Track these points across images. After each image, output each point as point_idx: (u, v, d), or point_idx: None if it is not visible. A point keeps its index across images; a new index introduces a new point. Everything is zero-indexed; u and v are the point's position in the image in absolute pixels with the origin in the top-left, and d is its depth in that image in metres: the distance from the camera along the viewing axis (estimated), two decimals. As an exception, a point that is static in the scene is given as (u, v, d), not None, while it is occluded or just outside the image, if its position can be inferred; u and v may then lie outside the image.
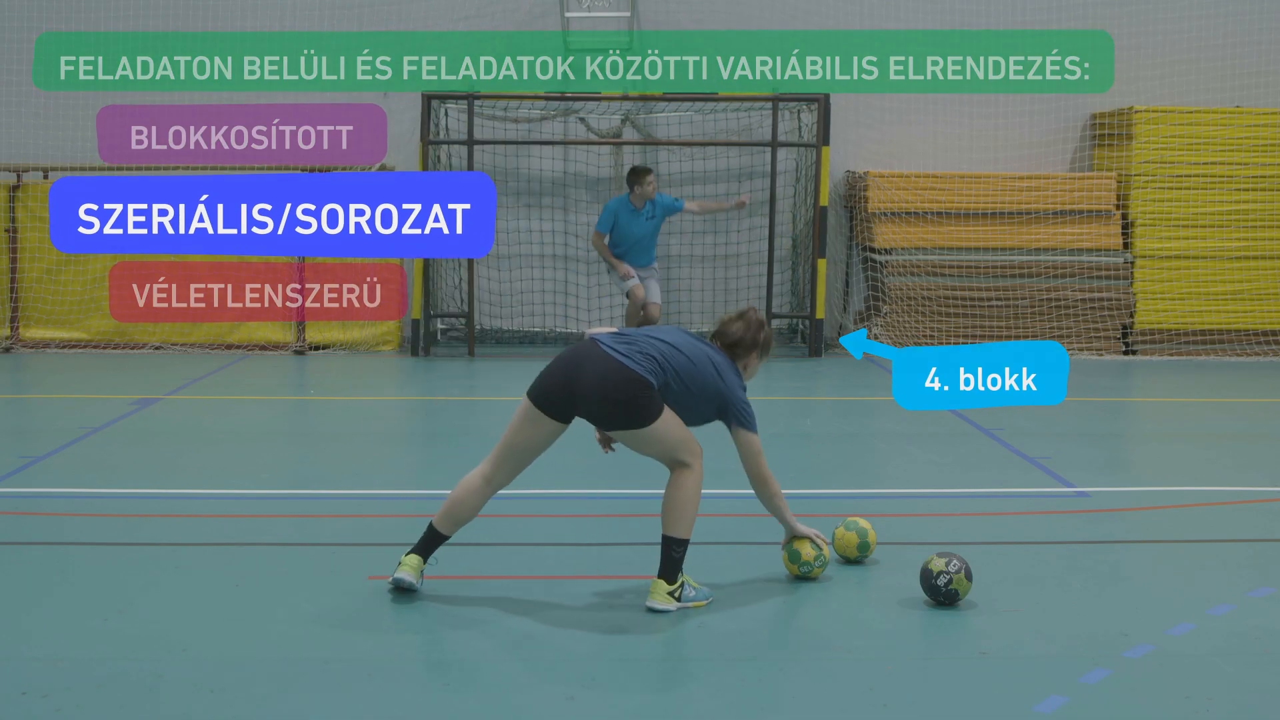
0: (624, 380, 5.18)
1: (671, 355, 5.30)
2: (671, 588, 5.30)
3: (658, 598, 5.28)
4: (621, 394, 5.17)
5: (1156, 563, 6.23)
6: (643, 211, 12.44)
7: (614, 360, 5.21)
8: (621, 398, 5.18)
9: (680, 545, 5.33)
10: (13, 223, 13.12)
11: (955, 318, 13.28)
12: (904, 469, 8.22)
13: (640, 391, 5.18)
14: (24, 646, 4.89)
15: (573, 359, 5.34)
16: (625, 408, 5.19)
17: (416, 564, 5.42)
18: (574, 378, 5.27)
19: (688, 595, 5.35)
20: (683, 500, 5.33)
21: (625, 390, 5.17)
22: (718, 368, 5.40)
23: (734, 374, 5.48)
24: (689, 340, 5.45)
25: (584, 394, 5.24)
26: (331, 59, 13.86)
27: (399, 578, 5.38)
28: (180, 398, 10.52)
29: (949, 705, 4.43)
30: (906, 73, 14.07)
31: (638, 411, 5.20)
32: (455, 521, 5.48)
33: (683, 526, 5.34)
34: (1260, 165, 13.32)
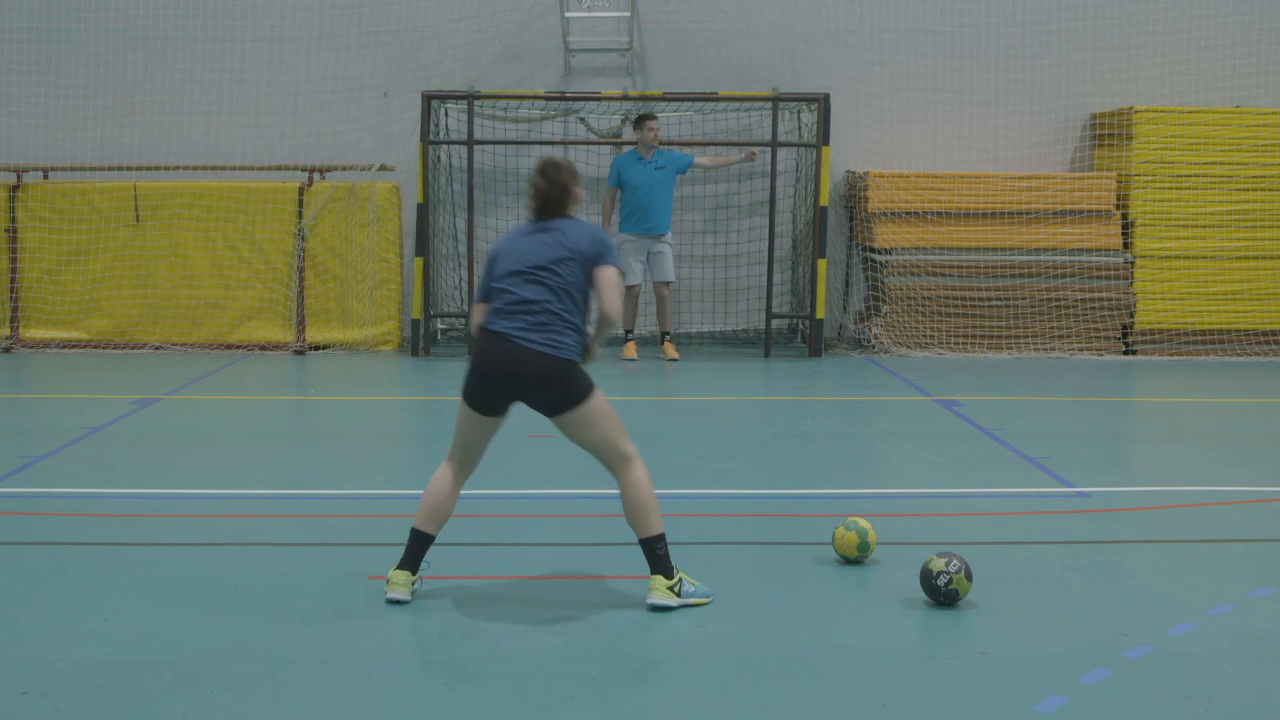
0: (554, 371, 5.29)
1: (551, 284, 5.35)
2: (670, 582, 5.35)
3: (658, 593, 5.32)
4: (555, 381, 5.30)
5: (1156, 563, 6.23)
6: (650, 161, 12.50)
7: (534, 352, 5.28)
8: (555, 385, 5.30)
9: (659, 541, 5.39)
10: (13, 223, 13.12)
11: (955, 318, 13.28)
12: (904, 469, 8.23)
13: (570, 372, 5.32)
14: (24, 646, 4.90)
15: (498, 360, 5.33)
16: (561, 389, 5.30)
17: (405, 580, 5.41)
18: (507, 376, 5.33)
19: (687, 591, 5.38)
20: (642, 500, 5.39)
21: (557, 377, 5.30)
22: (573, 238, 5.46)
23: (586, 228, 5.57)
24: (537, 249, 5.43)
25: (520, 390, 5.35)
26: (332, 59, 13.88)
27: (392, 597, 5.39)
28: (180, 398, 10.52)
29: (949, 705, 4.43)
30: (906, 73, 14.09)
31: (573, 388, 5.31)
32: (438, 520, 5.48)
33: (653, 524, 5.39)
34: (1260, 165, 13.31)
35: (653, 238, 12.60)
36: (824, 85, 13.58)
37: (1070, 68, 14.05)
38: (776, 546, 6.32)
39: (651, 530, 5.37)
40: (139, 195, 13.12)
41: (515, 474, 7.77)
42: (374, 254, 13.09)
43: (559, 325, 5.34)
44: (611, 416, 5.42)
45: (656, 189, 12.51)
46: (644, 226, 12.53)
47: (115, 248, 13.12)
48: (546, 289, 5.35)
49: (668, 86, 13.74)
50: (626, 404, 10.81)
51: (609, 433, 5.39)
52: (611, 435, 5.40)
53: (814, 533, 6.41)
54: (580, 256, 5.42)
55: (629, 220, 12.58)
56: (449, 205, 13.89)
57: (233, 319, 13.19)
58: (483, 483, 7.63)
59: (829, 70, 13.92)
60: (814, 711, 4.36)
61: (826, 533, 6.15)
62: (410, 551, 5.44)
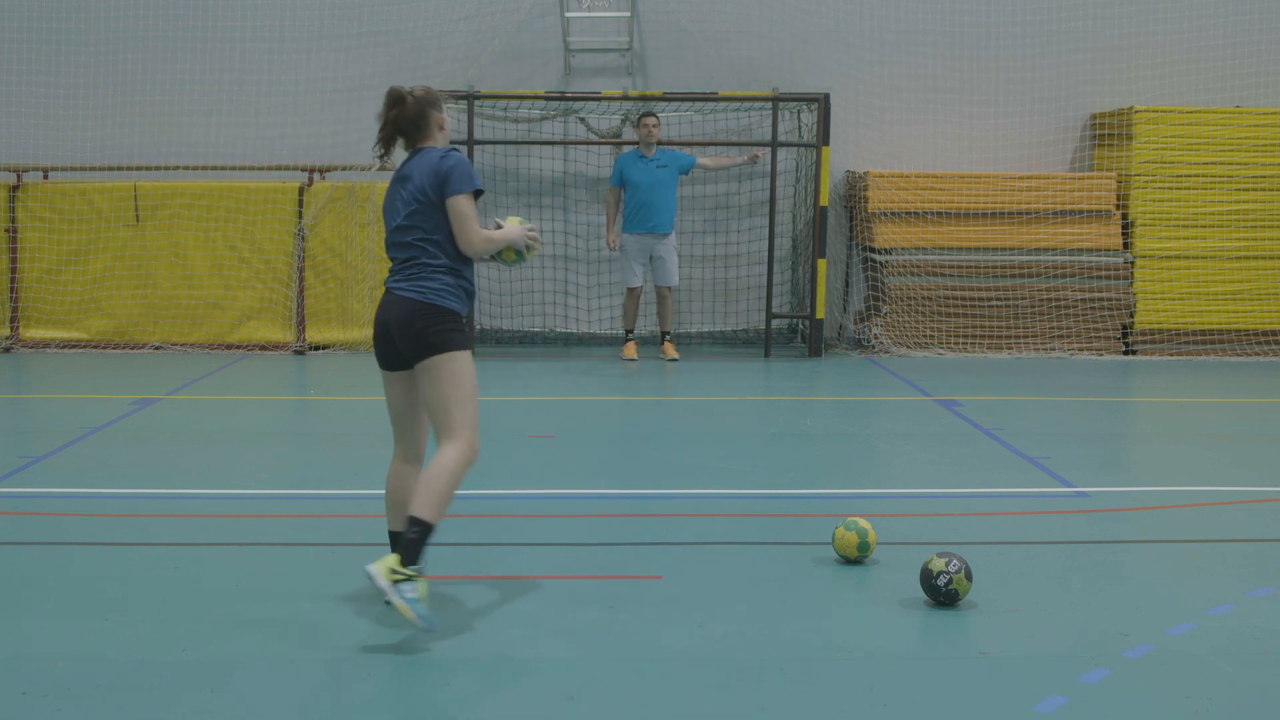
0: (414, 315, 5.09)
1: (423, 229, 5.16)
2: (398, 569, 4.84)
3: (381, 565, 4.85)
4: (412, 324, 5.09)
5: (1156, 563, 6.23)
6: (651, 160, 12.52)
7: (402, 298, 5.13)
8: (412, 327, 5.08)
9: (418, 526, 4.92)
10: (13, 223, 13.12)
11: (955, 318, 13.28)
12: (904, 469, 8.22)
13: (430, 314, 5.09)
14: (24, 646, 4.90)
15: (380, 312, 5.23)
16: (416, 333, 5.08)
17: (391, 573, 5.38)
18: (383, 325, 5.20)
19: (403, 590, 4.83)
20: (435, 477, 4.98)
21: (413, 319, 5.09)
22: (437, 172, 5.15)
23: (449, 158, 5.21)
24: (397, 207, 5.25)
25: (393, 337, 5.16)
26: (332, 59, 13.88)
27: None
28: (180, 398, 10.52)
29: (949, 705, 4.43)
30: (906, 73, 14.09)
31: (430, 334, 5.07)
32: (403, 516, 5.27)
33: (421, 505, 4.94)
34: (1260, 165, 13.31)
35: (655, 237, 12.60)
36: (824, 85, 13.58)
37: (1070, 68, 14.05)
38: (776, 546, 6.32)
39: (417, 510, 4.93)
40: (139, 195, 13.12)
41: (515, 474, 7.77)
42: (374, 254, 13.09)
43: (427, 271, 5.14)
44: (464, 385, 5.09)
45: (658, 188, 12.52)
46: (646, 225, 12.53)
47: (115, 248, 13.12)
48: (410, 246, 5.18)
49: (668, 86, 13.74)
50: (626, 404, 10.81)
51: (453, 397, 5.07)
52: (453, 402, 5.06)
53: (814, 533, 6.41)
54: (427, 198, 5.15)
55: (631, 220, 12.59)
56: (449, 205, 13.86)
57: (233, 319, 13.19)
58: (483, 483, 7.64)
59: (829, 70, 13.92)
60: (814, 711, 4.36)
61: (826, 533, 6.15)
62: None
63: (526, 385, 11.42)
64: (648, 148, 12.56)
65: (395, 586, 4.81)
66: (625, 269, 12.77)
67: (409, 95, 5.29)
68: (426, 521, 4.93)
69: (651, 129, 12.53)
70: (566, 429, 9.44)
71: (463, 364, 5.11)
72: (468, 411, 5.11)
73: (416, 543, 4.89)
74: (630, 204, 12.59)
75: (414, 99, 5.28)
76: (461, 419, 5.08)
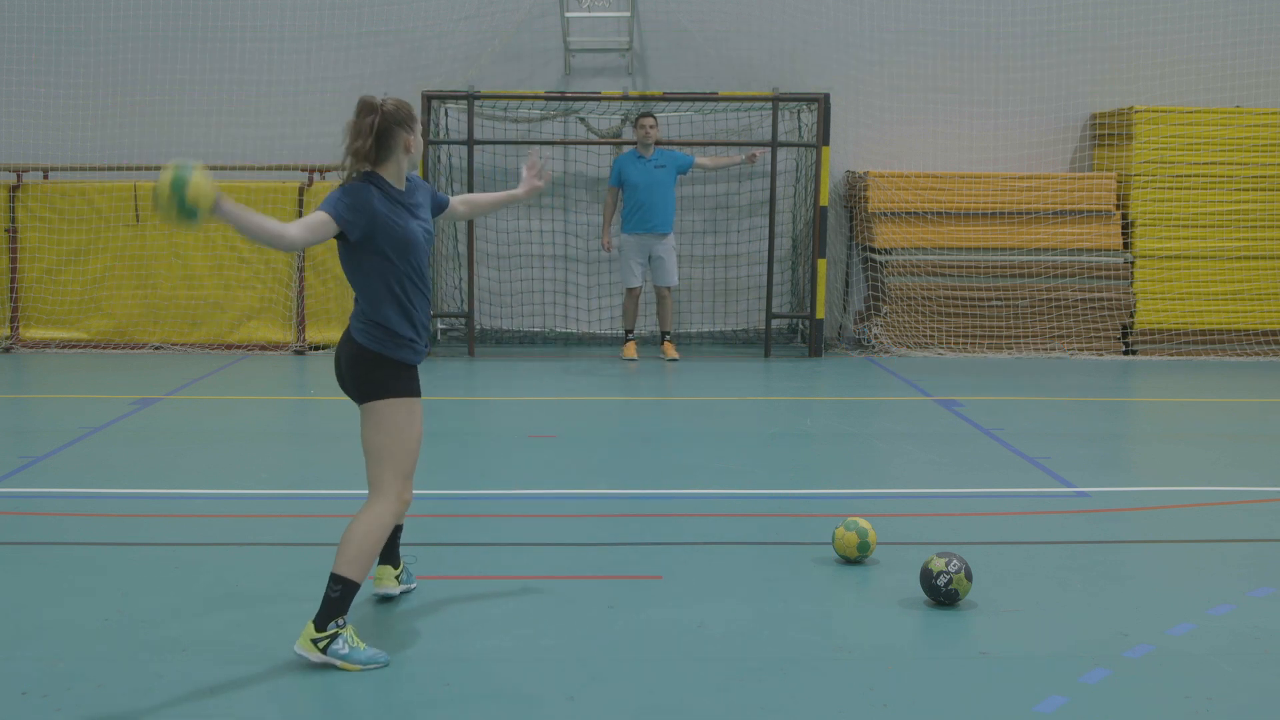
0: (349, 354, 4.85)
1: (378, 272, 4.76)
2: (318, 635, 4.63)
3: (301, 643, 4.66)
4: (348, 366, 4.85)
5: (1156, 563, 6.23)
6: (650, 160, 12.51)
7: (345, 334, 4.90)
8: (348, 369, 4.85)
9: (338, 584, 4.66)
10: (13, 223, 13.12)
11: (955, 318, 13.29)
12: (904, 469, 8.22)
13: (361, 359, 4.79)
14: (24, 646, 4.90)
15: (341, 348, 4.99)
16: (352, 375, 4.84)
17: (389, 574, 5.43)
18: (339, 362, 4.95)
19: (337, 650, 4.63)
20: (357, 532, 4.73)
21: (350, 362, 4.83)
22: None
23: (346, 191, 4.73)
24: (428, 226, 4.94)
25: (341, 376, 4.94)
26: (332, 59, 13.88)
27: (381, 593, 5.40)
28: (180, 398, 10.52)
29: (949, 705, 4.43)
30: (906, 73, 14.10)
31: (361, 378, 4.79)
32: None
33: (345, 562, 4.68)
34: (1260, 165, 13.32)
35: (654, 237, 12.60)
36: (824, 85, 13.57)
37: (1070, 68, 14.05)
38: (776, 546, 6.32)
39: (339, 568, 4.68)
40: (139, 195, 13.12)
41: (515, 474, 7.78)
42: (374, 254, 13.09)
43: (357, 310, 4.84)
44: (397, 434, 4.76)
45: (656, 188, 12.51)
46: (645, 226, 12.52)
47: (115, 248, 13.12)
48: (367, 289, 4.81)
49: (668, 86, 13.74)
50: (626, 404, 10.81)
51: (383, 447, 4.77)
52: (384, 451, 4.76)
53: (814, 533, 6.42)
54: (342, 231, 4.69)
55: (630, 220, 12.59)
56: (449, 205, 13.86)
57: (233, 319, 13.19)
58: (483, 483, 7.65)
59: (829, 70, 13.92)
60: (814, 711, 4.36)
61: (826, 533, 6.15)
62: (384, 548, 5.41)
63: (526, 385, 11.43)
64: (645, 148, 12.56)
65: (328, 653, 4.63)
66: (624, 269, 12.77)
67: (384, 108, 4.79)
68: (348, 579, 4.68)
69: (649, 130, 12.53)
70: (566, 429, 9.43)
71: (393, 412, 4.77)
72: (398, 470, 4.80)
73: (339, 602, 4.66)
74: (629, 204, 12.59)
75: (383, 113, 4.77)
76: (392, 475, 4.80)
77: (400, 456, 4.80)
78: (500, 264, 14.10)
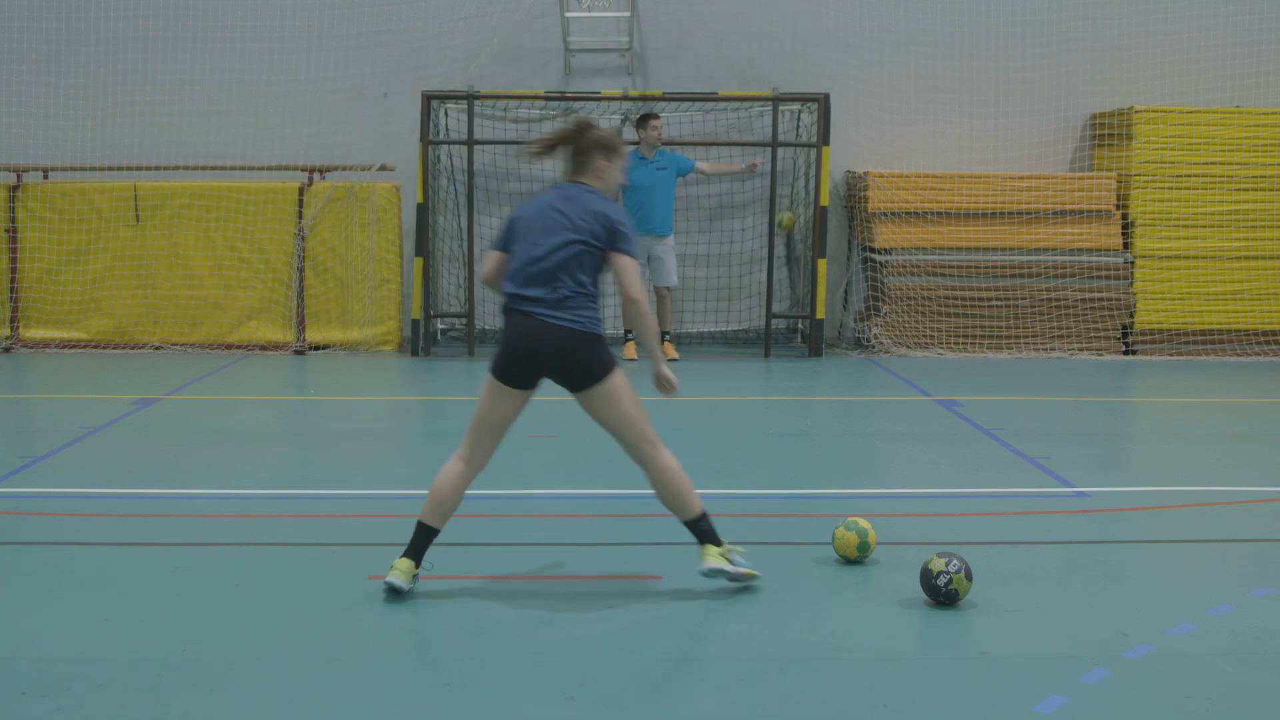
0: (575, 344, 5.33)
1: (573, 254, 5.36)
2: (720, 549, 5.48)
3: (710, 558, 5.45)
4: (575, 354, 5.33)
5: (1156, 563, 6.23)
6: (652, 161, 12.47)
7: (557, 327, 5.32)
8: (576, 358, 5.33)
9: (702, 519, 5.50)
10: (13, 223, 13.12)
11: (955, 318, 13.29)
12: (904, 469, 8.22)
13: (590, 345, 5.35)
14: (24, 646, 4.90)
15: (525, 333, 5.36)
16: (581, 364, 5.34)
17: (408, 568, 5.40)
18: (530, 352, 5.35)
19: (737, 561, 5.51)
20: (676, 488, 5.48)
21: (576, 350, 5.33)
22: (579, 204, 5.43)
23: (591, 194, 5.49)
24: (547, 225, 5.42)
25: (544, 365, 5.36)
26: (332, 59, 13.88)
27: (390, 582, 5.38)
28: (180, 398, 10.52)
29: (949, 705, 4.43)
30: (906, 73, 14.10)
31: (594, 363, 5.35)
32: (443, 513, 5.48)
33: (692, 505, 5.50)
34: (1260, 165, 13.32)
35: (653, 238, 12.58)
36: (824, 85, 13.57)
37: (1070, 68, 14.05)
38: (776, 546, 6.32)
39: (692, 512, 5.50)
40: (139, 195, 13.12)
41: (515, 474, 7.77)
42: (374, 254, 13.10)
43: (578, 300, 5.37)
44: (634, 397, 5.44)
45: (656, 190, 12.48)
46: (645, 227, 12.46)
47: (115, 248, 13.12)
48: (560, 278, 5.36)
49: (668, 86, 13.74)
50: (626, 404, 10.80)
51: (631, 412, 5.42)
52: (634, 415, 5.42)
53: (814, 533, 6.42)
54: (591, 239, 5.40)
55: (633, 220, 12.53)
56: (449, 205, 13.89)
57: (233, 319, 13.19)
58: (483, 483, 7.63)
59: (829, 70, 13.92)
60: (814, 711, 4.36)
61: (826, 533, 6.15)
62: (414, 543, 5.44)
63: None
64: (649, 149, 12.51)
65: (733, 564, 5.49)
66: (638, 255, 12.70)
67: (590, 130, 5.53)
68: (701, 513, 5.51)
69: (654, 130, 12.48)
70: (566, 429, 9.42)
71: (624, 379, 5.45)
72: (647, 419, 5.50)
73: (711, 529, 5.51)
74: (629, 205, 12.53)
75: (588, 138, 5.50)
76: (647, 428, 5.48)
77: (644, 410, 5.49)
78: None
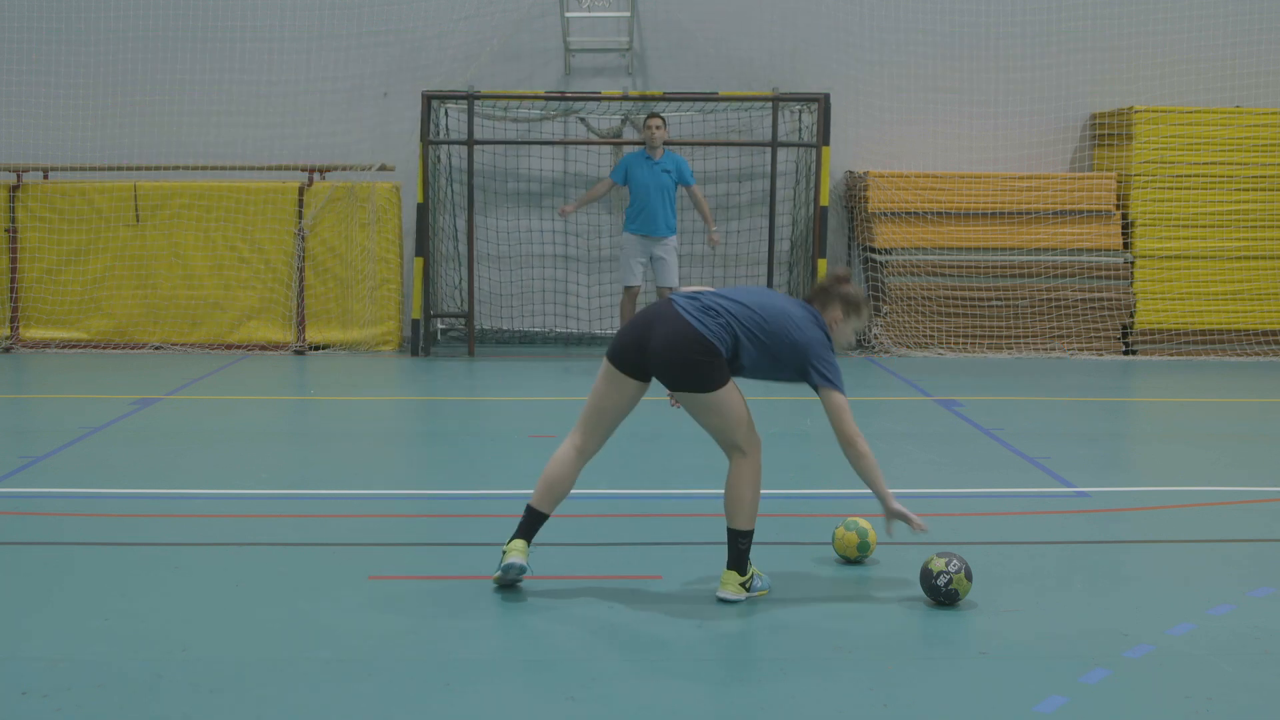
0: (689, 341, 5.20)
1: (743, 314, 5.28)
2: (743, 579, 5.41)
3: (729, 588, 5.38)
4: (684, 354, 5.20)
5: (1156, 563, 6.23)
6: (657, 163, 12.26)
7: (683, 320, 5.22)
8: (683, 359, 5.20)
9: (744, 537, 5.41)
10: (13, 223, 13.12)
11: (955, 318, 13.29)
12: (904, 469, 8.21)
13: (704, 355, 5.20)
14: (24, 646, 4.89)
15: (646, 318, 5.34)
16: (687, 369, 5.22)
17: (523, 546, 5.42)
18: (645, 336, 5.29)
19: (756, 585, 5.46)
20: (740, 492, 5.40)
21: (689, 351, 5.19)
22: (795, 321, 5.33)
23: (815, 328, 5.39)
24: (767, 297, 5.42)
25: (652, 352, 5.26)
26: (332, 59, 13.88)
27: (511, 563, 5.37)
28: (180, 398, 10.52)
29: (949, 705, 4.42)
30: (906, 73, 14.10)
31: (699, 375, 5.22)
32: (554, 498, 5.47)
33: (743, 518, 5.41)
34: (1260, 165, 13.32)
35: (654, 240, 12.51)
36: (824, 85, 13.58)
37: (1070, 68, 14.05)
38: (776, 546, 6.31)
39: (737, 524, 5.40)
40: (139, 195, 13.12)
41: (515, 474, 7.77)
42: (374, 254, 13.10)
43: (720, 319, 5.25)
44: (736, 408, 5.34)
45: (660, 191, 12.24)
46: (648, 228, 12.30)
47: (115, 248, 13.12)
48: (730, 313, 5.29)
49: (668, 86, 13.74)
50: (626, 404, 10.80)
51: (726, 426, 5.34)
52: (728, 428, 5.35)
53: (814, 533, 6.42)
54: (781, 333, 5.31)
55: (633, 220, 12.43)
56: (449, 205, 13.89)
57: (233, 319, 13.19)
58: (483, 483, 7.65)
59: (829, 70, 13.92)
60: (814, 711, 4.36)
61: (826, 533, 6.15)
62: (524, 525, 5.47)
63: (526, 385, 11.42)
64: (654, 149, 12.39)
65: (752, 590, 5.43)
66: (625, 268, 12.63)
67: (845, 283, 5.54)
68: (744, 530, 5.40)
69: (655, 130, 12.36)
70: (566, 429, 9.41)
71: (733, 392, 5.34)
72: (748, 431, 5.44)
73: (744, 553, 5.41)
74: (633, 204, 12.46)
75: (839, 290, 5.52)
76: (745, 439, 5.42)
77: (746, 417, 5.43)
78: (500, 264, 14.10)
